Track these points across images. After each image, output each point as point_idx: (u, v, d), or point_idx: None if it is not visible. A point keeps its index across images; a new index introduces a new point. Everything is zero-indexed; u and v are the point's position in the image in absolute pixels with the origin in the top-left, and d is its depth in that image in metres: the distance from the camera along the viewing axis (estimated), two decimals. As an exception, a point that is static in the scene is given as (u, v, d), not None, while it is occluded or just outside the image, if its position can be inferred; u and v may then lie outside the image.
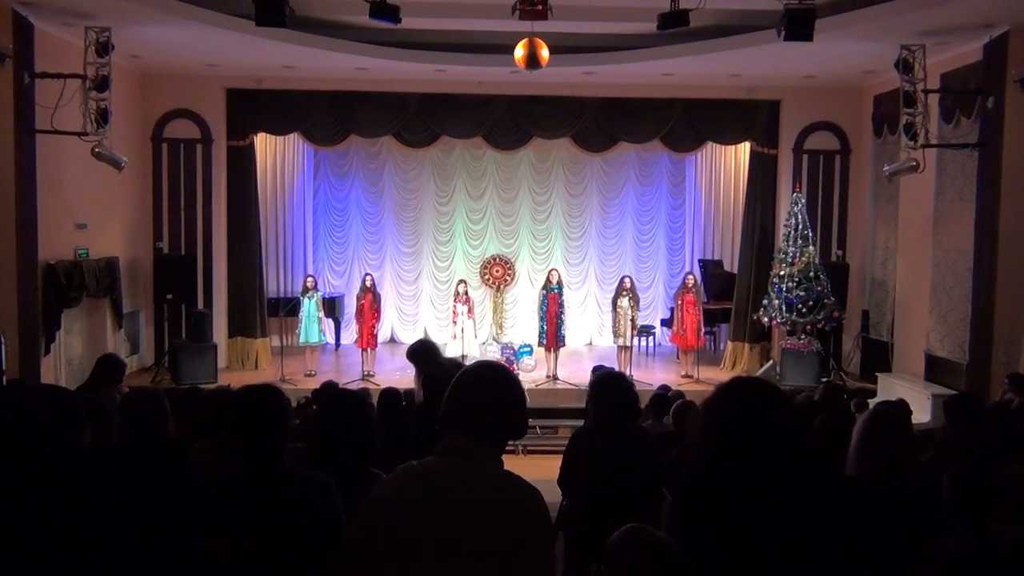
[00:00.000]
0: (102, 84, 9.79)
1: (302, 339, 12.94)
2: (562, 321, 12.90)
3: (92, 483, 2.82)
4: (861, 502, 2.69)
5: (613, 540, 2.28)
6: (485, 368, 2.51)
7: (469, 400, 2.39)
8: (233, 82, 13.54)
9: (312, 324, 12.88)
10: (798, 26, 8.80)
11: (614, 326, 13.07)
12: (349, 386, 11.83)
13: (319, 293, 13.19)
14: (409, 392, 8.26)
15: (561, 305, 12.94)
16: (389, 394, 6.09)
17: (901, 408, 6.29)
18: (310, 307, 12.87)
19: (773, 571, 1.91)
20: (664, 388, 9.26)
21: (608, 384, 4.71)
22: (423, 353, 6.40)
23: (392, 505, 2.31)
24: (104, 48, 9.83)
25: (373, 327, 12.94)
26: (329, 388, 6.96)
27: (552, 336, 12.89)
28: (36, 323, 10.27)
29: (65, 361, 11.26)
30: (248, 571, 2.74)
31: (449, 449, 2.36)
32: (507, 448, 2.49)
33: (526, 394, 2.50)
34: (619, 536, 2.28)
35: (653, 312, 16.48)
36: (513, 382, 2.47)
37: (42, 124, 9.76)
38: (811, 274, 12.64)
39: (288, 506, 2.85)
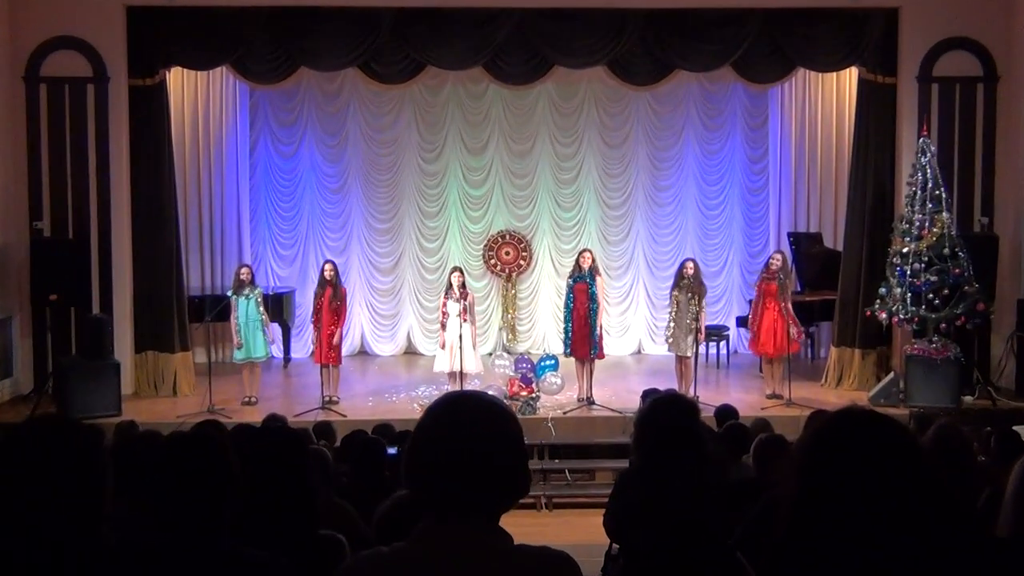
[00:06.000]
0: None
1: (238, 353, 12.95)
2: (594, 321, 12.84)
3: None
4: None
5: None
6: (456, 407, 2.43)
7: (443, 459, 2.33)
8: (136, -3, 13.57)
9: (251, 332, 12.88)
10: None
11: (672, 328, 13.02)
12: (305, 416, 11.90)
13: (259, 289, 13.20)
14: (383, 427, 8.33)
15: (592, 299, 12.86)
16: (363, 441, 6.08)
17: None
18: (247, 309, 12.87)
19: None
20: (727, 408, 9.22)
21: (659, 414, 4.68)
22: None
23: None
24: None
25: (331, 335, 12.93)
26: (266, 425, 6.96)
27: (580, 342, 12.84)
28: None
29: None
30: None
31: (428, 535, 2.33)
32: (524, 502, 2.51)
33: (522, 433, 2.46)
34: None
35: (726, 307, 16.47)
36: (504, 418, 2.42)
37: None
38: (946, 251, 12.57)
39: None
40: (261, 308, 13.03)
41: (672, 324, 12.98)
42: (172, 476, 2.99)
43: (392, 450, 7.64)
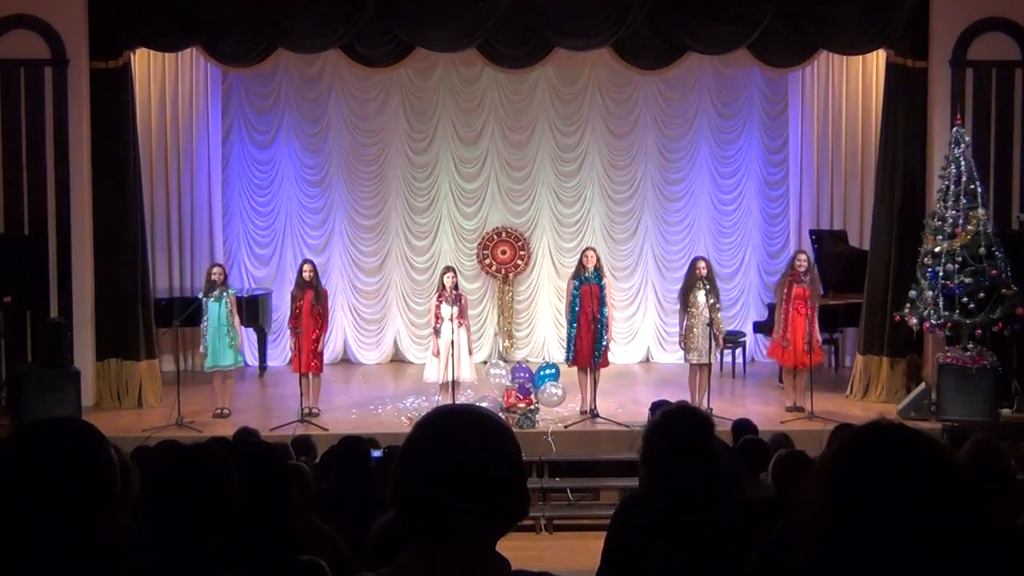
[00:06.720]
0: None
1: (209, 361, 12.95)
2: (603, 327, 12.88)
3: None
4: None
5: None
6: (449, 421, 2.42)
7: (435, 474, 2.31)
8: (98, -28, 13.56)
9: (223, 338, 12.88)
10: None
11: (683, 333, 13.04)
12: (283, 430, 11.88)
13: (232, 290, 13.19)
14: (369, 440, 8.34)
15: (602, 302, 12.90)
16: (345, 443, 6.08)
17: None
18: (219, 312, 12.86)
19: None
20: (744, 422, 9.26)
21: (670, 426, 4.69)
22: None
23: None
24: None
25: (315, 341, 12.95)
26: (241, 439, 6.97)
27: (587, 350, 12.87)
28: None
29: None
30: None
31: (417, 559, 2.31)
32: (522, 524, 2.50)
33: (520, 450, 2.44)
34: None
35: (743, 311, 16.46)
36: (501, 433, 2.41)
37: None
38: (981, 250, 12.58)
39: None
40: (231, 311, 13.01)
41: (686, 331, 12.97)
42: (169, 489, 3.03)
43: (376, 453, 7.63)
